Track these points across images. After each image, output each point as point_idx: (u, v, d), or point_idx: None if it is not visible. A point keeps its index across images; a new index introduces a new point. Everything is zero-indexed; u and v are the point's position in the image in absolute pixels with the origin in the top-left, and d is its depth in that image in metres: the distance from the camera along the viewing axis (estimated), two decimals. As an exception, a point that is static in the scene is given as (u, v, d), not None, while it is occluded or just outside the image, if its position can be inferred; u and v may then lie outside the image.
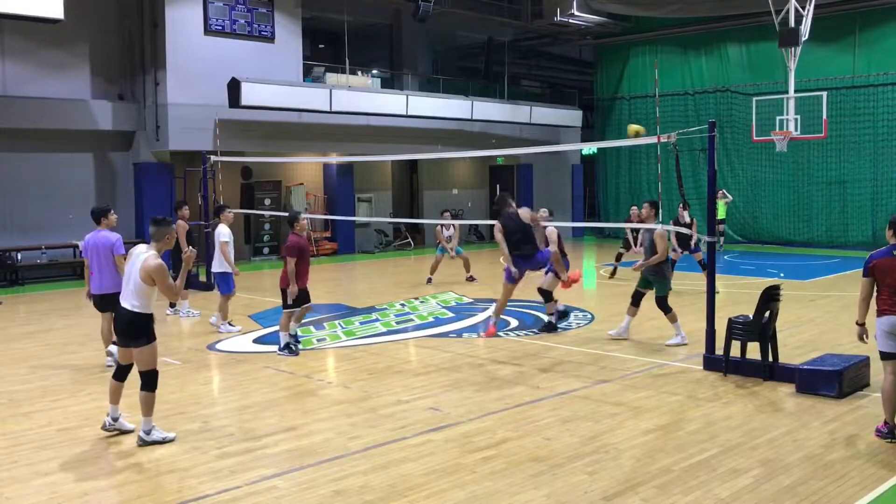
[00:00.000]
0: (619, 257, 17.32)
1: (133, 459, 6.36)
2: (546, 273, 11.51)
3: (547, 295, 11.50)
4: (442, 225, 17.15)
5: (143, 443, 6.67)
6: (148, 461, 6.31)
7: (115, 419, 6.95)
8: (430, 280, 16.66)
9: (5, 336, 11.60)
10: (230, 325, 11.73)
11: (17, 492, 5.74)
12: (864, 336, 6.93)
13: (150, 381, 6.71)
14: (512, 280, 10.70)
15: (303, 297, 10.16)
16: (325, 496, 5.59)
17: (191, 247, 7.47)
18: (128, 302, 6.74)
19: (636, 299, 10.68)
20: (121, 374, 6.96)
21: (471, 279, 16.62)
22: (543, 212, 12.72)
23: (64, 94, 18.70)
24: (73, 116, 18.76)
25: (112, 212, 9.46)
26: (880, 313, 6.71)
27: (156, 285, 6.67)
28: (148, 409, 6.71)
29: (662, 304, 10.39)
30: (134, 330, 6.72)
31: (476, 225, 27.18)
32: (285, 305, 10.18)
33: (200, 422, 7.37)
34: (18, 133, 17.98)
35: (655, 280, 10.42)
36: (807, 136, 20.47)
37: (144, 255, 6.70)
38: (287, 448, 6.60)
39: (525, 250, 10.62)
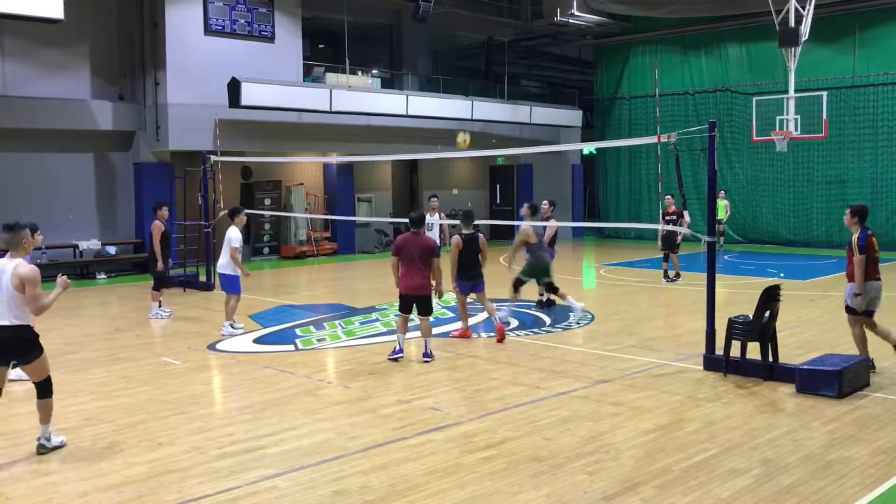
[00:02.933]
0: (666, 258, 16.52)
1: (133, 459, 6.36)
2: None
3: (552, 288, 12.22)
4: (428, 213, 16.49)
5: (45, 450, 6.45)
6: (148, 461, 6.31)
7: None
8: None
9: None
10: (233, 326, 11.70)
11: (17, 492, 5.74)
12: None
13: (46, 388, 6.49)
14: (463, 292, 11.14)
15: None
16: (325, 496, 5.59)
17: (64, 275, 6.71)
18: (7, 318, 6.26)
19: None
20: None
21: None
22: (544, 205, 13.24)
23: (64, 94, 18.70)
24: (73, 116, 18.75)
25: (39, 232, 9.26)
26: (869, 278, 8.47)
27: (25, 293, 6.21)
28: (47, 415, 6.50)
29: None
30: (24, 345, 6.35)
31: (476, 225, 27.14)
32: (428, 311, 9.87)
33: (200, 422, 7.37)
34: (18, 133, 17.97)
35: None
36: (807, 136, 20.47)
37: (14, 264, 6.28)
38: (287, 448, 6.60)
39: (467, 275, 11.00)
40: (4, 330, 6.27)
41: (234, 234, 11.54)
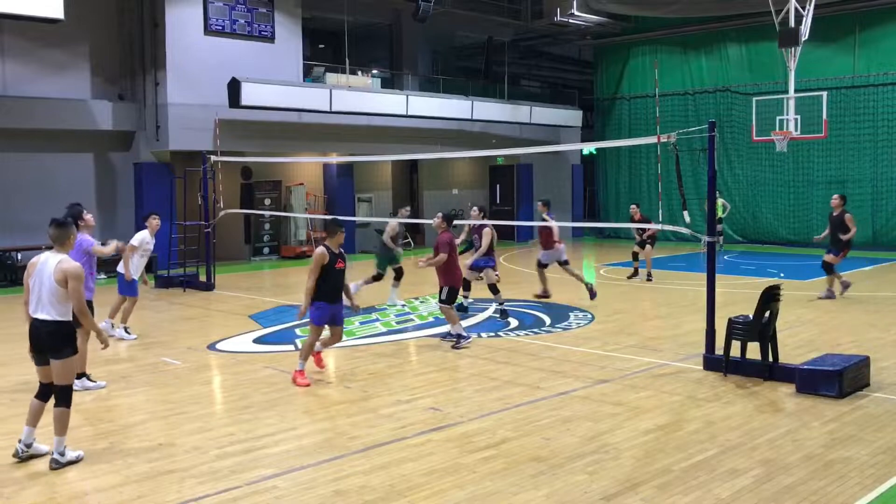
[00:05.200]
0: (635, 256, 16.77)
1: (133, 459, 6.35)
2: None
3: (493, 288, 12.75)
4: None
5: (59, 465, 6.13)
6: (148, 461, 6.30)
7: (29, 445, 6.31)
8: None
9: (6, 336, 11.59)
10: (126, 331, 11.27)
11: (16, 492, 5.75)
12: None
13: (67, 396, 6.25)
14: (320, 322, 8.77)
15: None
16: (325, 496, 5.59)
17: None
18: (48, 312, 6.23)
19: None
20: (46, 393, 6.34)
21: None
22: (473, 211, 13.32)
23: (64, 94, 18.70)
24: (73, 116, 18.75)
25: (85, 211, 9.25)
26: (550, 248, 13.62)
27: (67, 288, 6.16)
28: (63, 427, 6.20)
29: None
30: (60, 341, 6.22)
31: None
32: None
33: (200, 422, 7.37)
34: (18, 133, 17.97)
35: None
36: (807, 136, 20.45)
37: (57, 259, 6.26)
38: (287, 448, 6.60)
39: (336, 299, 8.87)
40: (45, 324, 6.25)
41: (136, 235, 11.42)
